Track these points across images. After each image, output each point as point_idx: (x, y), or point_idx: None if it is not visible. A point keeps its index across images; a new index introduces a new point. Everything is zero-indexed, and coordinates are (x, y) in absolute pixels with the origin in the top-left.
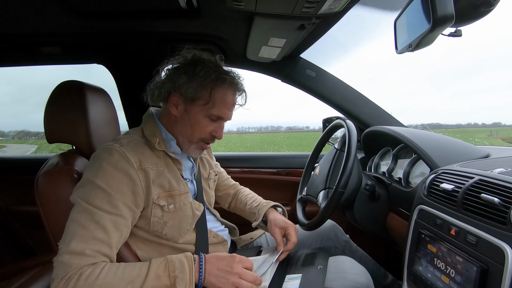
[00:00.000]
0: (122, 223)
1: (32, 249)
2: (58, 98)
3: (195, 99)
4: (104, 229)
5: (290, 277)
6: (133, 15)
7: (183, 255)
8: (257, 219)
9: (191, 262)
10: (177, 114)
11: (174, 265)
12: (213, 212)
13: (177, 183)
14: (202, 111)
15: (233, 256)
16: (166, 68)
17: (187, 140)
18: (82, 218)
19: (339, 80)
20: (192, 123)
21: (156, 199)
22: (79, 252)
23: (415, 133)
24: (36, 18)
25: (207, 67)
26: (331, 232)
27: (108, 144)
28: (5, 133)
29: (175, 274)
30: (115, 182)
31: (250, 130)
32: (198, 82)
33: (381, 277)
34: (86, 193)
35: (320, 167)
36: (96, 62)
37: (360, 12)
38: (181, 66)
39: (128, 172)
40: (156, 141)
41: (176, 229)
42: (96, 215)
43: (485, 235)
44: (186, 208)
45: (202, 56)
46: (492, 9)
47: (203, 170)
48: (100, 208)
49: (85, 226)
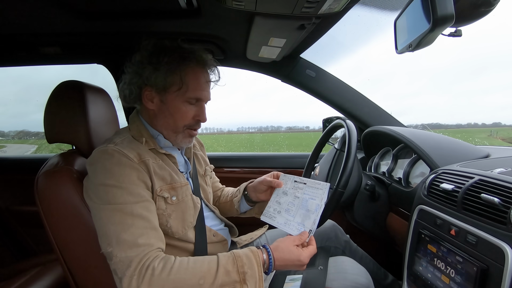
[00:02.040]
0: (151, 206)
1: (32, 249)
2: (58, 98)
3: (167, 87)
4: (141, 216)
5: (290, 278)
6: (133, 15)
7: (248, 250)
8: (238, 196)
9: (258, 257)
10: (154, 108)
11: (242, 261)
12: (212, 209)
13: (177, 175)
14: (178, 97)
15: (299, 252)
16: (127, 65)
17: (172, 131)
18: (116, 218)
19: (339, 80)
20: (172, 112)
21: (160, 191)
22: (131, 244)
23: (415, 133)
24: (36, 18)
25: (170, 51)
26: (331, 232)
27: (103, 147)
28: (5, 133)
29: (244, 269)
30: (125, 177)
31: (250, 130)
32: (165, 68)
33: (381, 277)
34: (104, 198)
35: (320, 167)
36: (96, 62)
37: (360, 12)
38: (144, 58)
39: (133, 166)
40: (143, 140)
41: (180, 222)
42: (126, 209)
43: (485, 235)
44: (188, 200)
45: (163, 43)
46: (492, 9)
47: (199, 167)
48: (126, 202)
49: (123, 222)
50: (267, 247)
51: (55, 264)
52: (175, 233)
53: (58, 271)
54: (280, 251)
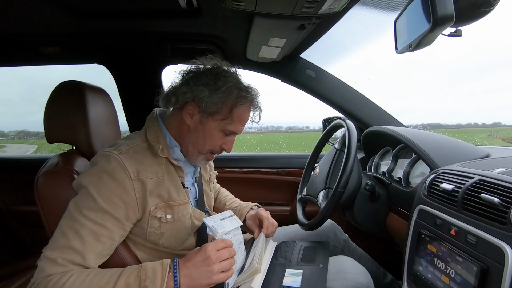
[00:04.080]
0: (104, 234)
1: (32, 249)
2: (58, 98)
3: (214, 114)
4: (81, 239)
5: (290, 272)
6: (133, 15)
7: (159, 263)
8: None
9: (165, 271)
10: (191, 124)
11: (146, 274)
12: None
13: (177, 192)
14: (219, 126)
15: (203, 247)
16: (183, 72)
17: (197, 150)
18: (65, 225)
19: (339, 80)
20: (206, 135)
21: (153, 211)
22: (52, 259)
23: (415, 133)
24: (36, 18)
25: (229, 81)
26: (330, 232)
27: (107, 151)
28: (5, 133)
29: (146, 284)
30: (107, 192)
31: (250, 130)
32: (219, 97)
33: (380, 277)
34: (77, 199)
35: (320, 167)
36: (96, 62)
37: (360, 12)
38: (201, 76)
39: (123, 183)
40: (159, 147)
41: (174, 239)
42: (77, 224)
43: (485, 235)
44: (185, 219)
45: (223, 67)
46: (492, 9)
47: (204, 173)
48: (85, 216)
49: (64, 234)
50: (175, 261)
51: None
52: (168, 248)
53: None
54: (186, 259)
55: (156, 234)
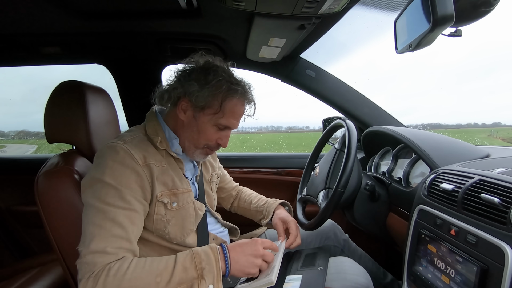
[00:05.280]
0: (136, 217)
1: (32, 249)
2: (58, 98)
3: (205, 108)
4: (120, 225)
5: (290, 278)
6: (133, 15)
7: (208, 247)
8: (265, 217)
9: (217, 253)
10: (184, 119)
11: (200, 257)
12: (214, 215)
13: (180, 181)
14: (211, 120)
15: (255, 240)
16: (176, 70)
17: (193, 145)
18: (97, 218)
19: (339, 80)
20: (199, 130)
21: (160, 196)
22: (101, 251)
23: (415, 133)
24: (36, 18)
25: (220, 75)
26: (330, 231)
27: (112, 142)
28: (5, 133)
29: (202, 265)
30: (124, 179)
31: (250, 130)
32: (209, 91)
33: (380, 277)
34: (96, 193)
35: (320, 167)
36: (96, 62)
37: (360, 12)
38: (193, 72)
39: (135, 168)
40: (158, 139)
41: (179, 229)
42: (110, 213)
43: (485, 235)
44: (189, 207)
45: (214, 63)
46: (492, 9)
47: (205, 173)
48: (113, 205)
49: (101, 226)
50: (223, 245)
51: (55, 264)
52: (173, 239)
53: (58, 271)
54: (237, 244)
55: (162, 222)
